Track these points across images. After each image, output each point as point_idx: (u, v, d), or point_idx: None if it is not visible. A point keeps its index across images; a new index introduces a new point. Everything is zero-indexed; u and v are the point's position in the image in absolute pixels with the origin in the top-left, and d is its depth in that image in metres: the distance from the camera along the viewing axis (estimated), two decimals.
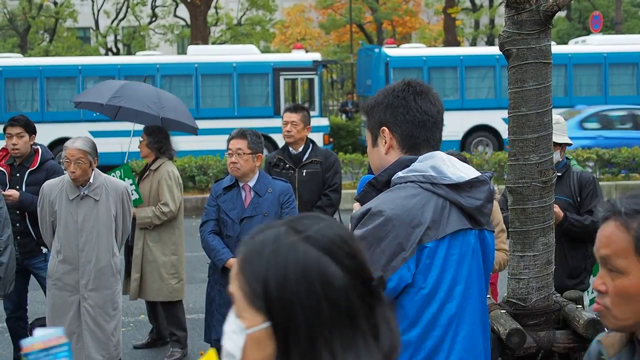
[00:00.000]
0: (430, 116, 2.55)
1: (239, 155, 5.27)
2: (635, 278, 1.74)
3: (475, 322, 2.51)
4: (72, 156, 5.30)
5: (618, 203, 1.81)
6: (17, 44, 34.37)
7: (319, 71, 21.21)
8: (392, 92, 2.58)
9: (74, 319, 5.40)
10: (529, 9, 3.60)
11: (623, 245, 1.76)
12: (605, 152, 16.24)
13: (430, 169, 2.47)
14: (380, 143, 2.58)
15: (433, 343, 2.42)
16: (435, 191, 2.45)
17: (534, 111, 3.65)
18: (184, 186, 15.81)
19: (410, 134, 2.54)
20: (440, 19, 37.32)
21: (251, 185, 5.36)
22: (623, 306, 1.76)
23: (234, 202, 5.31)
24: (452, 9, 30.03)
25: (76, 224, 5.38)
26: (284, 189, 5.42)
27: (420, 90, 2.57)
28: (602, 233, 1.81)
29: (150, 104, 7.50)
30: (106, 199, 5.44)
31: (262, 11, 33.34)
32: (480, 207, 2.50)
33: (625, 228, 1.76)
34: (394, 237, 2.38)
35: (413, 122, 2.54)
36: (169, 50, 37.65)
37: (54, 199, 5.40)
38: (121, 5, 34.30)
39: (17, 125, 6.17)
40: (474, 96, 21.39)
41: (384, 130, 2.56)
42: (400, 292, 2.41)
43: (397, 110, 2.54)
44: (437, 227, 2.41)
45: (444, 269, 2.43)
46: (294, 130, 6.30)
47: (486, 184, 2.54)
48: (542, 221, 3.71)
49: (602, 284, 1.79)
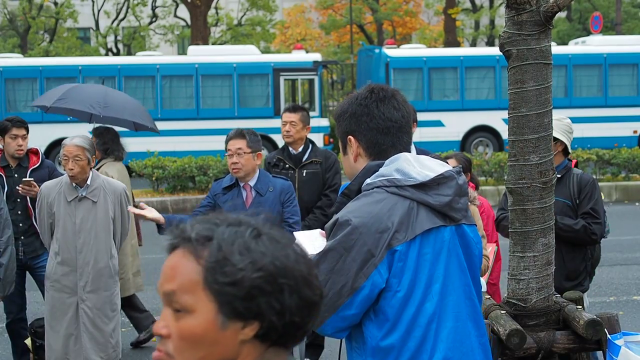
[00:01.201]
0: (394, 122, 2.57)
1: (239, 155, 5.23)
2: (202, 317, 1.46)
3: (461, 319, 2.50)
4: (70, 153, 5.30)
5: (188, 228, 1.51)
6: (17, 44, 34.38)
7: (319, 72, 21.22)
8: (356, 100, 2.61)
9: (72, 320, 5.40)
10: (529, 10, 3.60)
11: (191, 278, 1.47)
12: (606, 153, 16.25)
13: (395, 172, 2.49)
14: (349, 151, 2.63)
15: (415, 343, 2.44)
16: (401, 193, 2.46)
17: (534, 112, 3.65)
18: (184, 186, 15.87)
19: (375, 142, 2.58)
20: (441, 19, 37.33)
21: (252, 184, 5.31)
22: (188, 352, 1.48)
23: (235, 203, 5.27)
24: (452, 10, 30.03)
25: (74, 225, 5.38)
26: (284, 187, 5.38)
27: (383, 97, 2.60)
28: (167, 264, 1.51)
29: (93, 104, 7.56)
30: (104, 201, 5.43)
31: (263, 12, 33.33)
32: (450, 202, 2.49)
33: (195, 257, 1.48)
34: (362, 244, 2.41)
35: (377, 129, 2.57)
36: (169, 51, 37.67)
37: (52, 200, 5.40)
38: (121, 5, 34.31)
39: (22, 126, 6.22)
40: (474, 97, 21.39)
41: (350, 139, 2.61)
42: (376, 297, 2.44)
43: (361, 118, 2.58)
44: (405, 229, 2.43)
45: (418, 270, 2.44)
46: (293, 130, 6.29)
47: (452, 179, 2.53)
48: (542, 222, 3.71)
49: (164, 326, 1.50)
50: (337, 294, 2.43)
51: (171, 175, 15.65)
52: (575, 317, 3.65)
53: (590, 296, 6.72)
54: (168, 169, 15.65)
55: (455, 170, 2.59)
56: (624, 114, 21.18)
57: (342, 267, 2.42)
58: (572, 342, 3.70)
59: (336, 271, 2.43)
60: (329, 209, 6.32)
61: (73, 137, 5.43)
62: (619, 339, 3.59)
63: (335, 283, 2.43)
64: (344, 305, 2.43)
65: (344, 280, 2.42)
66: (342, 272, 2.42)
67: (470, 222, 2.59)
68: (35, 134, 9.82)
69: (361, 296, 2.41)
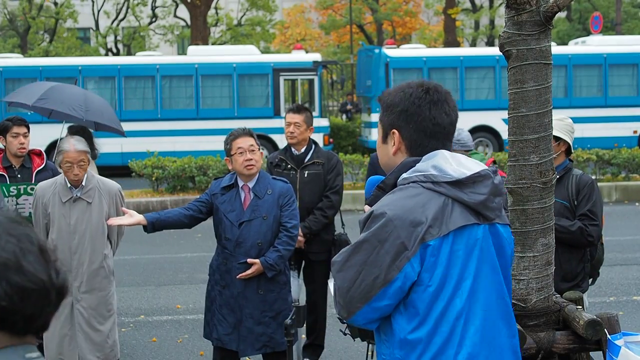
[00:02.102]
0: (443, 127, 2.58)
1: (252, 152, 5.17)
2: None
3: (490, 318, 2.52)
4: (75, 159, 5.26)
5: None
6: (17, 44, 34.39)
7: (319, 72, 21.22)
8: (409, 98, 2.59)
9: (66, 321, 5.38)
10: (529, 10, 3.60)
11: None
12: (605, 153, 16.25)
13: (431, 168, 2.50)
14: (389, 142, 2.63)
15: (442, 338, 2.46)
16: (436, 189, 2.47)
17: (534, 112, 3.65)
18: (184, 186, 15.87)
19: (419, 143, 2.58)
20: (441, 19, 37.34)
21: (251, 186, 5.25)
22: None
23: (233, 204, 5.23)
24: (452, 10, 30.04)
25: (69, 226, 5.36)
26: (283, 190, 5.32)
27: (437, 100, 2.59)
28: None
29: (75, 107, 7.60)
30: (99, 201, 5.41)
31: (262, 12, 33.35)
32: (485, 201, 2.50)
33: None
34: (396, 237, 2.43)
35: (424, 132, 2.57)
36: (169, 51, 37.68)
37: (47, 201, 5.38)
38: (121, 5, 34.32)
39: (23, 124, 6.20)
40: (474, 97, 21.40)
41: (394, 132, 2.61)
42: (408, 290, 2.46)
43: (411, 117, 2.57)
44: (439, 225, 2.44)
45: (450, 266, 2.46)
46: (297, 132, 6.24)
47: (489, 178, 2.54)
48: (542, 222, 3.71)
49: None
50: (370, 285, 2.46)
51: (171, 175, 15.65)
52: (575, 317, 3.65)
53: (590, 296, 6.72)
54: (168, 169, 15.65)
55: (492, 169, 2.59)
56: (624, 114, 21.19)
57: (376, 259, 2.45)
58: (572, 342, 3.70)
59: (370, 263, 2.46)
60: (329, 210, 6.31)
61: (69, 142, 5.35)
62: (619, 339, 3.59)
63: (368, 274, 2.47)
64: (376, 296, 2.46)
65: (377, 272, 2.45)
66: (376, 263, 2.45)
67: (504, 222, 2.60)
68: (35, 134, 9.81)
69: (393, 288, 2.45)
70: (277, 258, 5.18)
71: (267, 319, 5.21)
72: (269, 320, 5.22)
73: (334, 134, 23.53)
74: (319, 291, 6.44)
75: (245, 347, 5.21)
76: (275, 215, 5.23)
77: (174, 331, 7.47)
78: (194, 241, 11.68)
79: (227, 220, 5.21)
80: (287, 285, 5.36)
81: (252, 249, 5.18)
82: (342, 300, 2.53)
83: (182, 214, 5.21)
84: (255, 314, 5.19)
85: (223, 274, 5.25)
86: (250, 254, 5.17)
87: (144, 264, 10.35)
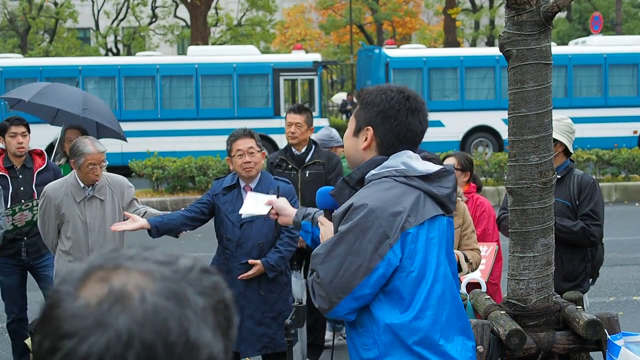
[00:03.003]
0: (415, 134, 2.75)
1: (251, 154, 5.15)
2: None
3: (455, 302, 2.73)
4: (98, 160, 5.29)
5: None
6: (17, 44, 34.39)
7: (319, 72, 21.22)
8: (390, 101, 2.73)
9: None
10: (529, 10, 3.60)
11: None
12: (605, 153, 16.24)
13: (401, 164, 2.68)
14: (361, 137, 2.78)
15: (427, 323, 2.62)
16: (409, 183, 2.65)
17: (534, 112, 3.65)
18: (184, 186, 15.86)
19: (390, 144, 2.74)
20: (441, 19, 37.33)
21: (252, 186, 5.23)
22: None
23: (234, 204, 5.20)
24: (452, 10, 30.04)
25: (85, 225, 5.41)
26: (285, 190, 5.27)
27: (415, 108, 2.74)
28: None
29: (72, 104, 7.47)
30: (112, 198, 5.47)
31: (262, 12, 33.35)
32: (449, 195, 2.72)
33: None
34: (377, 226, 2.57)
35: (397, 136, 2.72)
36: (169, 51, 37.67)
37: (59, 202, 5.40)
38: (121, 5, 34.32)
39: (21, 124, 6.18)
40: (474, 97, 21.39)
41: (368, 129, 2.75)
42: (390, 277, 2.60)
43: (388, 119, 2.72)
44: (415, 214, 2.62)
45: (427, 252, 2.64)
46: (298, 132, 6.23)
47: (451, 173, 2.77)
48: (542, 222, 3.71)
49: None
50: (352, 275, 2.58)
51: (171, 175, 15.64)
52: (575, 317, 3.65)
53: (590, 296, 6.72)
54: (168, 169, 15.64)
55: (449, 167, 2.82)
56: (624, 114, 21.18)
57: (359, 248, 2.58)
58: (572, 342, 3.70)
59: (353, 252, 2.58)
60: None
61: (87, 143, 5.34)
62: (619, 339, 3.59)
63: (351, 264, 2.59)
64: (358, 285, 2.58)
65: (360, 260, 2.57)
66: (359, 252, 2.58)
67: (452, 216, 2.84)
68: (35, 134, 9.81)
69: (376, 276, 2.57)
70: (279, 259, 5.18)
71: (268, 320, 5.20)
72: (270, 321, 5.21)
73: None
74: None
75: (246, 348, 5.21)
76: None
77: None
78: (194, 241, 11.68)
79: (228, 221, 5.20)
80: (288, 286, 5.35)
81: (254, 250, 5.18)
82: (324, 292, 2.62)
83: (184, 216, 5.20)
84: (256, 314, 5.19)
85: (224, 275, 5.24)
86: (252, 254, 5.17)
87: None
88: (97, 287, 1.01)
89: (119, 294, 0.99)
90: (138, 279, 1.01)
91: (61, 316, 0.99)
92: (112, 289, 1.00)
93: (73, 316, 0.98)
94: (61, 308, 1.00)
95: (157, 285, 1.01)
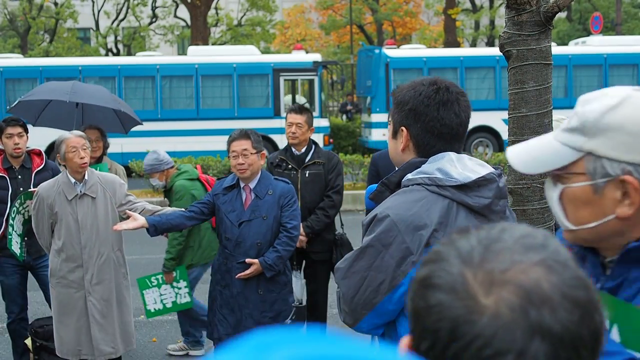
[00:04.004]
0: (451, 128, 2.56)
1: (245, 156, 5.17)
2: None
3: None
4: (79, 143, 5.40)
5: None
6: (18, 44, 34.39)
7: (319, 72, 21.21)
8: (419, 96, 2.57)
9: (81, 314, 5.49)
10: (529, 10, 3.60)
11: None
12: None
13: (436, 170, 2.49)
14: (399, 139, 2.62)
15: None
16: (441, 193, 2.46)
17: (534, 112, 3.65)
18: None
19: (426, 142, 2.56)
20: (441, 19, 37.33)
21: (252, 186, 5.27)
22: None
23: (234, 204, 5.24)
24: (452, 10, 30.04)
25: (77, 222, 5.44)
26: (284, 190, 5.32)
27: (446, 100, 2.58)
28: None
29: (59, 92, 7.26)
30: (103, 195, 5.50)
31: (263, 12, 33.35)
32: (490, 205, 2.49)
33: None
34: (400, 241, 2.40)
35: (431, 132, 2.55)
36: (169, 51, 37.68)
37: (52, 201, 5.44)
38: (121, 5, 34.32)
39: (17, 124, 6.18)
40: (474, 97, 21.38)
41: (402, 129, 2.59)
42: None
43: (419, 117, 2.55)
44: (444, 229, 2.42)
45: None
46: (299, 132, 6.23)
47: (494, 181, 2.53)
48: (542, 222, 3.71)
49: None
50: (375, 291, 2.43)
51: None
52: None
53: None
54: None
55: (497, 172, 2.58)
56: None
57: (381, 264, 2.42)
58: None
59: (374, 268, 2.43)
60: (331, 209, 6.31)
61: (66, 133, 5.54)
62: None
63: (373, 280, 2.44)
64: (381, 302, 2.44)
65: (382, 277, 2.43)
66: (381, 269, 2.42)
67: None
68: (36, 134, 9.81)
69: (399, 293, 2.42)
70: (276, 258, 5.18)
71: (267, 320, 5.21)
72: (269, 320, 5.21)
73: (334, 134, 23.53)
74: (320, 291, 6.44)
75: None
76: (275, 216, 5.24)
77: (174, 331, 7.47)
78: None
79: (227, 220, 5.23)
80: (288, 286, 5.35)
81: (252, 249, 5.19)
82: (348, 307, 2.50)
83: (182, 216, 5.22)
84: (254, 314, 5.20)
85: (223, 274, 5.26)
86: (250, 254, 5.18)
87: (144, 264, 10.34)
88: (502, 291, 0.90)
89: (532, 293, 0.89)
90: (537, 272, 0.91)
91: (478, 334, 0.89)
92: (523, 289, 0.90)
93: (495, 332, 0.88)
94: (471, 325, 0.90)
95: (558, 276, 0.91)
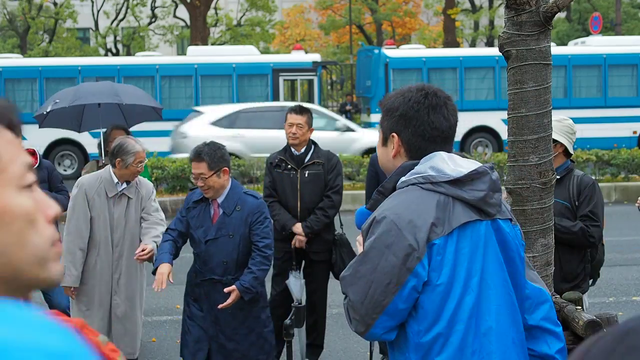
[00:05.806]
0: (441, 131, 2.60)
1: (203, 179, 4.92)
2: None
3: (502, 313, 2.53)
4: (144, 157, 5.60)
5: None
6: (17, 44, 34.40)
7: (319, 72, 21.22)
8: (408, 102, 2.61)
9: (105, 312, 5.61)
10: (528, 10, 3.60)
11: None
12: (605, 154, 16.25)
13: (429, 169, 2.52)
14: (389, 145, 2.65)
15: (458, 338, 2.46)
16: (436, 190, 2.50)
17: (533, 112, 3.65)
18: (183, 187, 15.84)
19: (418, 146, 2.60)
20: (440, 20, 37.35)
21: (219, 201, 5.03)
22: None
23: (202, 220, 5.06)
24: (451, 10, 30.06)
25: (113, 220, 5.55)
26: (253, 207, 5.04)
27: (435, 104, 2.60)
28: None
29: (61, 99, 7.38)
30: (137, 197, 5.62)
31: (262, 12, 33.36)
32: (485, 197, 2.52)
33: None
34: (402, 239, 2.43)
35: (423, 136, 2.59)
36: (168, 51, 37.67)
37: (93, 195, 5.53)
38: (121, 6, 34.33)
39: None
40: (473, 97, 21.39)
41: (393, 136, 2.62)
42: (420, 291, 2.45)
43: (409, 121, 2.59)
44: (442, 224, 2.46)
45: (456, 264, 2.47)
46: (300, 133, 6.20)
47: (486, 174, 2.56)
48: (541, 222, 3.71)
49: None
50: (383, 293, 2.44)
51: (170, 175, 15.63)
52: (575, 317, 3.65)
53: (590, 297, 6.71)
54: (167, 169, 15.63)
55: (489, 166, 2.62)
56: (624, 115, 21.19)
57: (385, 265, 2.44)
58: (572, 342, 3.69)
59: (380, 269, 2.45)
60: (330, 209, 6.31)
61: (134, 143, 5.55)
62: None
63: (380, 282, 2.44)
64: (391, 302, 2.44)
65: (388, 277, 2.44)
66: (386, 269, 2.44)
67: (505, 216, 2.61)
68: (36, 135, 9.82)
69: (407, 290, 2.43)
70: (252, 280, 4.95)
71: (239, 336, 5.07)
72: (242, 337, 5.07)
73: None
74: (319, 291, 6.43)
75: None
76: (242, 234, 5.01)
77: (174, 331, 7.46)
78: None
79: (195, 237, 5.08)
80: (260, 302, 5.15)
81: (218, 267, 5.03)
82: (358, 314, 2.49)
83: (173, 246, 5.11)
84: (226, 330, 5.05)
85: (193, 287, 5.17)
86: (216, 272, 5.02)
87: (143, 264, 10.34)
88: None
89: None
90: None
91: None
92: None
93: None
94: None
95: None
